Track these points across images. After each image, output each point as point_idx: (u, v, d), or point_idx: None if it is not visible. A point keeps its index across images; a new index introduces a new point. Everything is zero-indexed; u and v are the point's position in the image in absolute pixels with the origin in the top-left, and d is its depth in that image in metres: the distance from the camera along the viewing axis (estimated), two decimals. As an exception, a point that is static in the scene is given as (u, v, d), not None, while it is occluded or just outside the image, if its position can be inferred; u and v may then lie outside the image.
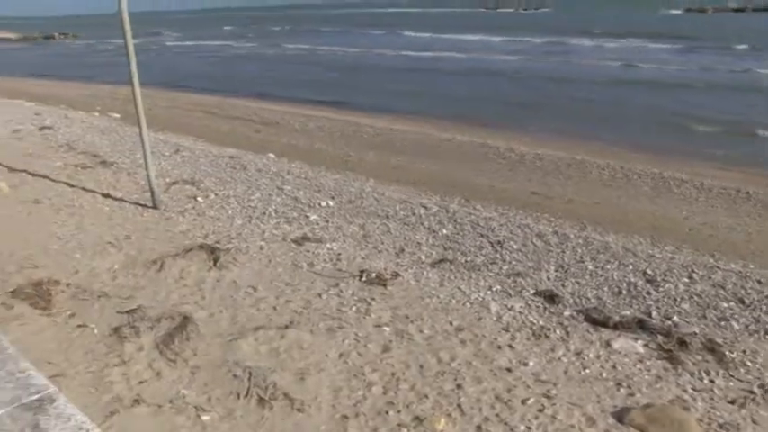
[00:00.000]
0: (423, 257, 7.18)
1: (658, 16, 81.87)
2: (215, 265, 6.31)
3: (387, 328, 5.21)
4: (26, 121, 15.55)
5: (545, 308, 5.92)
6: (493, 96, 22.07)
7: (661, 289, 6.40)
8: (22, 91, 25.41)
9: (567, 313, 5.80)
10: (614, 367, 4.84)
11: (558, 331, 5.39)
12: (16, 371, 2.74)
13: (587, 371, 4.75)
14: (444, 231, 8.11)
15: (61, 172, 10.06)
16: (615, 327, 5.52)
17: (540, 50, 40.42)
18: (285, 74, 31.43)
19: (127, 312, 5.25)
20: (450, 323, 5.39)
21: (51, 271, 6.07)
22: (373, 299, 5.78)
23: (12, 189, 8.94)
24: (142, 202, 8.44)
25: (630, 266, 7.00)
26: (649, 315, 5.82)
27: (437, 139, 15.08)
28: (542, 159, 13.06)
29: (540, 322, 5.56)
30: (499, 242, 7.73)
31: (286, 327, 5.10)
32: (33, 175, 9.81)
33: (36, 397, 2.84)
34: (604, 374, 4.72)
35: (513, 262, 7.13)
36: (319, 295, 5.79)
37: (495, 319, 5.57)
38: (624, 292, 6.35)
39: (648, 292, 6.32)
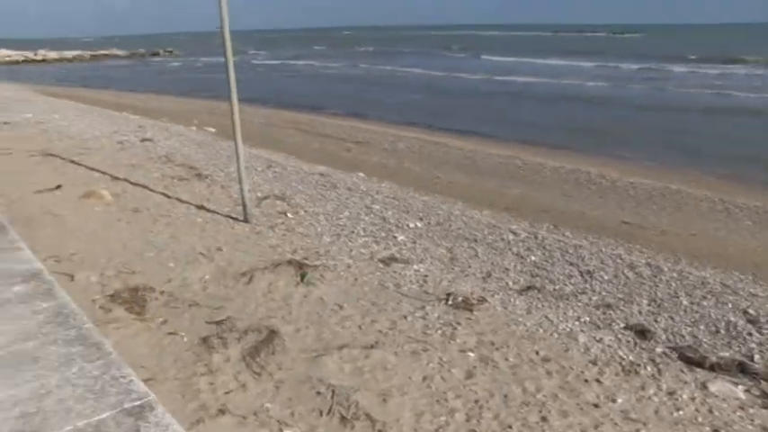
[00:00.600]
0: (510, 283, 7.04)
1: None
2: (302, 280, 6.38)
3: (471, 354, 5.12)
4: (129, 132, 16.27)
5: (635, 343, 5.68)
6: (585, 123, 21.62)
7: (764, 331, 6.05)
8: (128, 104, 26.67)
9: (659, 350, 5.55)
10: (711, 412, 4.58)
11: (649, 368, 5.16)
12: (119, 376, 2.82)
13: (680, 413, 4.52)
14: (533, 258, 7.94)
15: (159, 183, 10.44)
16: (712, 368, 5.24)
17: (633, 76, 39.45)
18: (372, 94, 31.76)
19: (216, 323, 5.35)
20: (537, 353, 5.25)
21: (146, 278, 6.27)
22: (459, 323, 5.69)
23: (114, 197, 9.34)
24: (234, 216, 8.64)
25: (730, 304, 6.66)
26: (751, 359, 5.49)
27: (527, 164, 14.87)
28: (635, 187, 12.68)
29: (630, 358, 5.34)
30: (589, 272, 7.51)
31: (371, 347, 5.09)
32: (134, 184, 10.22)
33: (137, 403, 2.91)
34: (699, 419, 4.48)
35: (603, 293, 6.90)
36: (405, 317, 5.75)
37: (582, 351, 5.38)
38: (722, 331, 6.03)
39: (750, 334, 5.98)
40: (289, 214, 8.96)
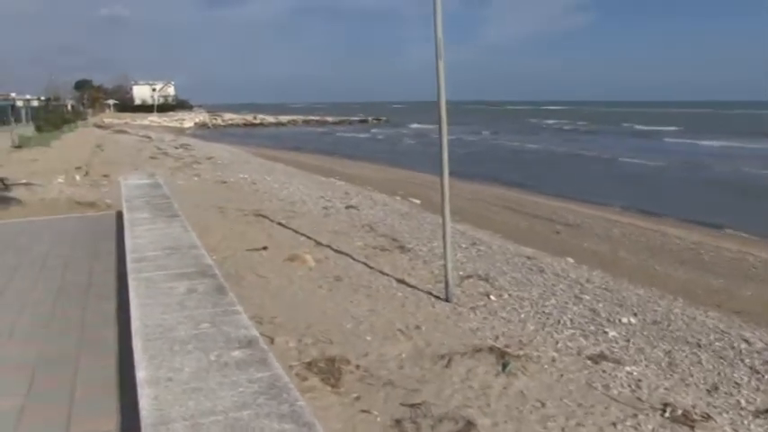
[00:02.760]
0: (743, 402, 6.38)
1: None
2: (503, 370, 6.22)
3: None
4: (335, 199, 17.18)
5: None
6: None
7: None
8: (336, 170, 28.30)
9: None
10: None
11: None
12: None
13: None
14: (770, 374, 7.17)
15: (361, 252, 10.82)
16: None
17: None
18: (585, 174, 31.25)
19: (410, 406, 5.33)
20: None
21: (343, 349, 6.44)
22: (678, 441, 5.24)
23: (317, 263, 9.80)
24: (435, 293, 8.70)
25: None
26: None
27: (762, 261, 13.69)
28: None
29: None
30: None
31: (575, 454, 4.81)
32: (337, 251, 10.68)
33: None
34: None
35: None
36: (614, 425, 5.39)
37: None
38: None
39: None
40: (492, 297, 8.87)
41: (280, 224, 12.78)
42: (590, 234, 16.18)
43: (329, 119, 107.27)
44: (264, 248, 10.39)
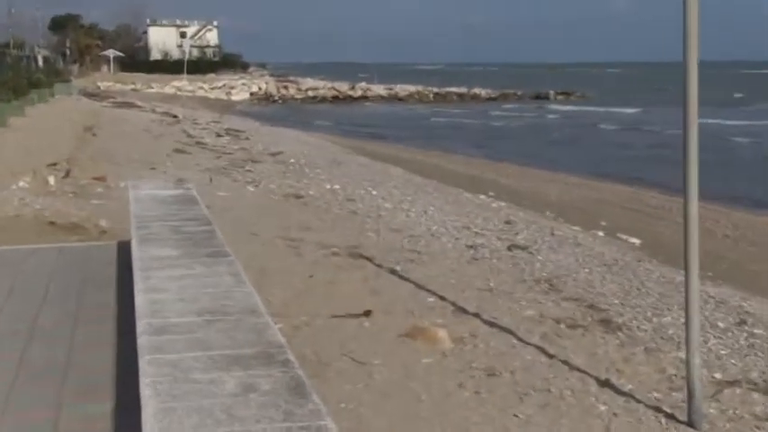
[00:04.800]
0: None
1: None
2: None
3: None
4: (489, 231, 17.07)
5: None
6: None
7: None
8: (492, 182, 28.27)
9: None
10: None
11: None
12: None
13: None
14: None
15: (533, 327, 10.58)
16: None
17: None
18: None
19: None
20: None
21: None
22: None
23: (456, 344, 9.63)
24: (667, 409, 8.37)
25: None
26: None
27: None
28: None
29: None
30: None
31: None
32: (490, 324, 10.49)
33: None
34: None
35: None
36: None
37: None
38: None
39: None
40: (770, 423, 8.48)
41: (392, 272, 12.72)
42: None
43: (481, 91, 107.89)
44: (366, 314, 10.29)
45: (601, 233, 19.49)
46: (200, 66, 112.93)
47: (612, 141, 50.62)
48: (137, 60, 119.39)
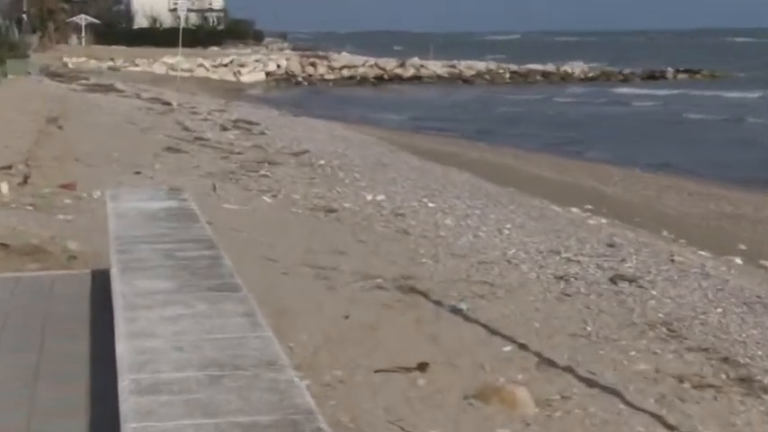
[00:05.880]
0: None
1: None
2: None
3: None
4: (585, 256, 16.97)
5: None
6: None
7: None
8: (589, 189, 28.23)
9: None
10: None
11: None
12: None
13: None
14: None
15: (648, 387, 10.47)
16: None
17: None
18: None
19: None
20: None
21: None
22: None
23: (540, 409, 9.53)
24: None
25: None
26: None
27: None
28: None
29: None
30: None
31: None
32: (587, 382, 10.38)
33: None
34: None
35: None
36: None
37: None
38: None
39: None
40: None
41: (455, 311, 12.71)
42: None
43: (574, 69, 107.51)
44: (421, 368, 10.29)
45: (738, 260, 19.26)
46: (199, 36, 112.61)
47: (758, 140, 49.85)
48: (116, 29, 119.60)
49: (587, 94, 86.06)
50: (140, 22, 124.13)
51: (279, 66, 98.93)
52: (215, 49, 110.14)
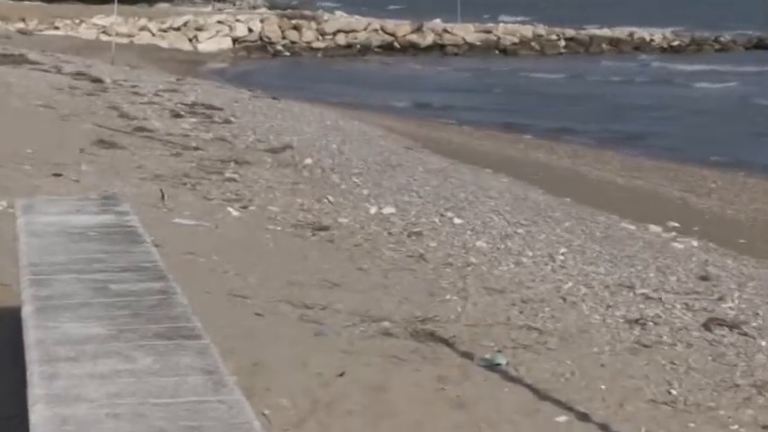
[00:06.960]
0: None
1: None
2: None
3: None
4: (670, 293, 16.94)
5: None
6: None
7: None
8: (674, 200, 28.32)
9: None
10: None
11: None
12: None
13: None
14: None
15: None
16: None
17: None
18: None
19: None
20: None
21: None
22: None
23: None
24: None
25: None
26: None
27: None
28: None
29: None
30: None
31: None
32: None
33: None
34: None
35: None
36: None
37: None
38: None
39: None
40: None
41: (490, 368, 12.68)
42: None
43: (652, 35, 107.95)
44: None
45: None
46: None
47: None
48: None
49: (669, 73, 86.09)
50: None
51: (251, 29, 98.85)
52: (164, 6, 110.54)
